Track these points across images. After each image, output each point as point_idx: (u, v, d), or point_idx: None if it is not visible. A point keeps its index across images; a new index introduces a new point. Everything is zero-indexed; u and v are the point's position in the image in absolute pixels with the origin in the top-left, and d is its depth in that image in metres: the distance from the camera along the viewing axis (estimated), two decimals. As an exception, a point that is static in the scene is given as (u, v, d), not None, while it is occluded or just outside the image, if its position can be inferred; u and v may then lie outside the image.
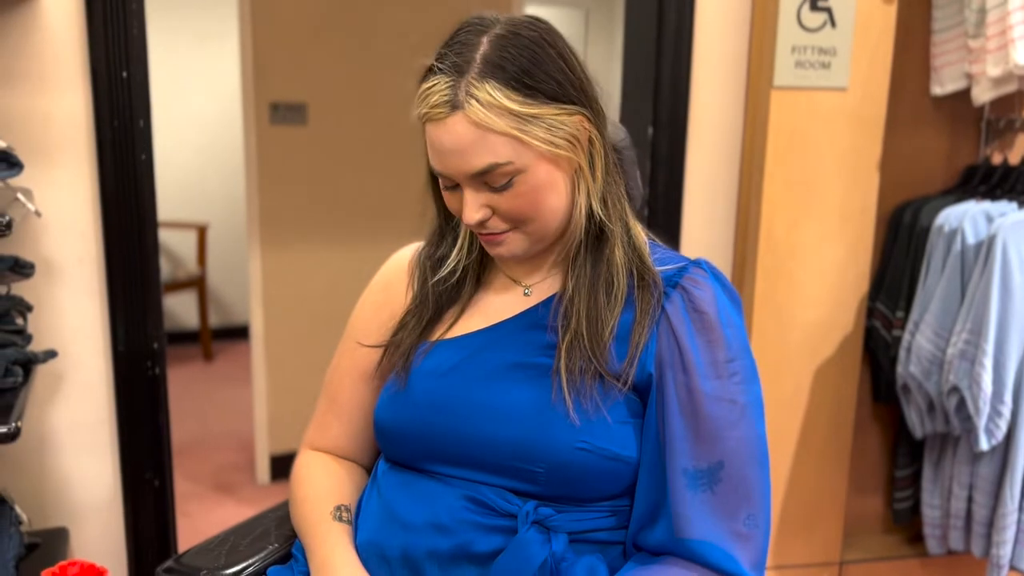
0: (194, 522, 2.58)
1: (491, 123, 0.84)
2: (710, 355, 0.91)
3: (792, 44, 1.75)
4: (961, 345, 1.75)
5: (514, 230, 0.92)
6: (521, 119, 0.85)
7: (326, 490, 1.04)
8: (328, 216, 2.86)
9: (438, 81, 0.86)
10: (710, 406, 0.89)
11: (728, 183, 1.91)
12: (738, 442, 0.90)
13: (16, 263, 1.34)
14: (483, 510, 0.91)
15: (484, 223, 0.91)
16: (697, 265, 0.96)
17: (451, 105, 0.84)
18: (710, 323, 0.92)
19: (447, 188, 0.92)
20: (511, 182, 0.87)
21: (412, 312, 1.03)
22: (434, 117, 0.86)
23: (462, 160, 0.86)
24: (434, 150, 0.88)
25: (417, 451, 0.96)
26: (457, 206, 0.92)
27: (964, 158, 2.07)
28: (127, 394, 1.56)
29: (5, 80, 1.41)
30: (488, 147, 0.85)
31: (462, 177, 0.88)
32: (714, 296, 0.93)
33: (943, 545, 1.99)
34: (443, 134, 0.86)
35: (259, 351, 2.85)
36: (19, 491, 1.49)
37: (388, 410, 0.99)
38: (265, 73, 2.70)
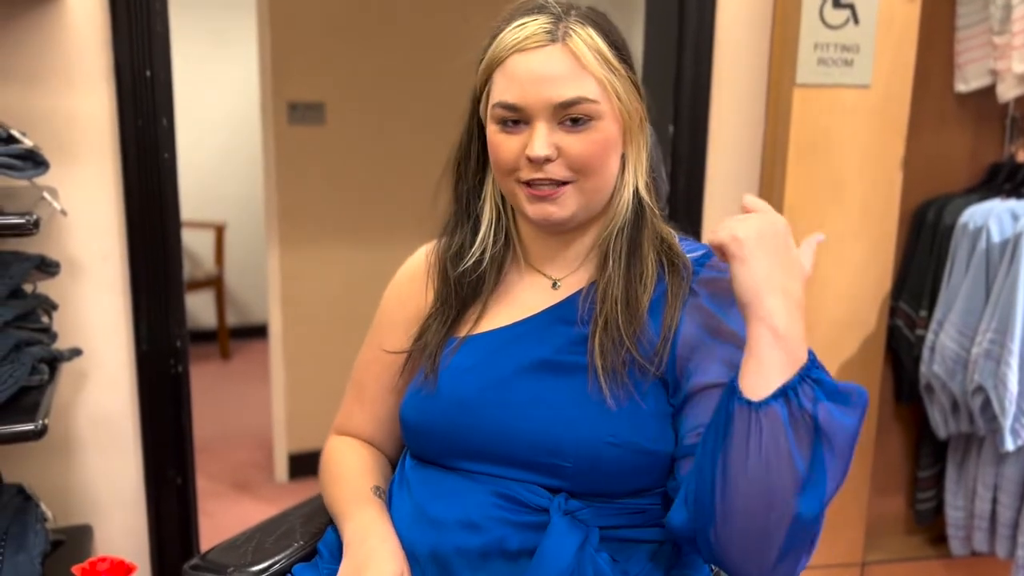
0: (214, 520, 2.59)
1: (587, 61, 0.88)
2: (724, 352, 0.90)
3: (815, 41, 1.74)
4: (986, 344, 1.74)
5: (572, 184, 0.91)
6: (611, 70, 0.90)
7: (360, 470, 1.05)
8: (346, 215, 2.87)
9: (536, 17, 0.89)
10: None
11: (749, 181, 1.90)
12: None
13: (42, 262, 1.35)
14: (513, 506, 0.91)
15: (546, 167, 0.89)
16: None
17: (550, 36, 0.88)
18: (718, 322, 0.92)
19: (508, 129, 0.90)
20: (589, 123, 0.88)
21: (435, 313, 1.02)
22: (527, 47, 0.88)
23: (551, 88, 0.87)
24: (516, 80, 0.88)
25: (444, 448, 0.96)
26: (514, 149, 0.90)
27: (988, 156, 2.05)
28: (150, 392, 1.56)
29: (31, 80, 1.42)
30: (580, 81, 0.87)
31: (543, 107, 0.87)
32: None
33: (967, 546, 1.97)
34: (536, 61, 0.87)
35: (277, 350, 2.86)
36: (44, 488, 1.50)
37: (415, 408, 0.99)
38: (283, 73, 2.70)
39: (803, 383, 0.75)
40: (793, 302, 0.78)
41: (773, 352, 0.77)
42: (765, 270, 0.79)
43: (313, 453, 2.97)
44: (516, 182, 0.92)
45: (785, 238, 0.81)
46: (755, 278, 0.79)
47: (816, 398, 0.75)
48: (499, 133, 0.91)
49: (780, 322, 0.77)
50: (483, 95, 0.95)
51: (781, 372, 0.76)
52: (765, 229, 0.80)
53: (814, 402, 0.75)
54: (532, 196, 0.91)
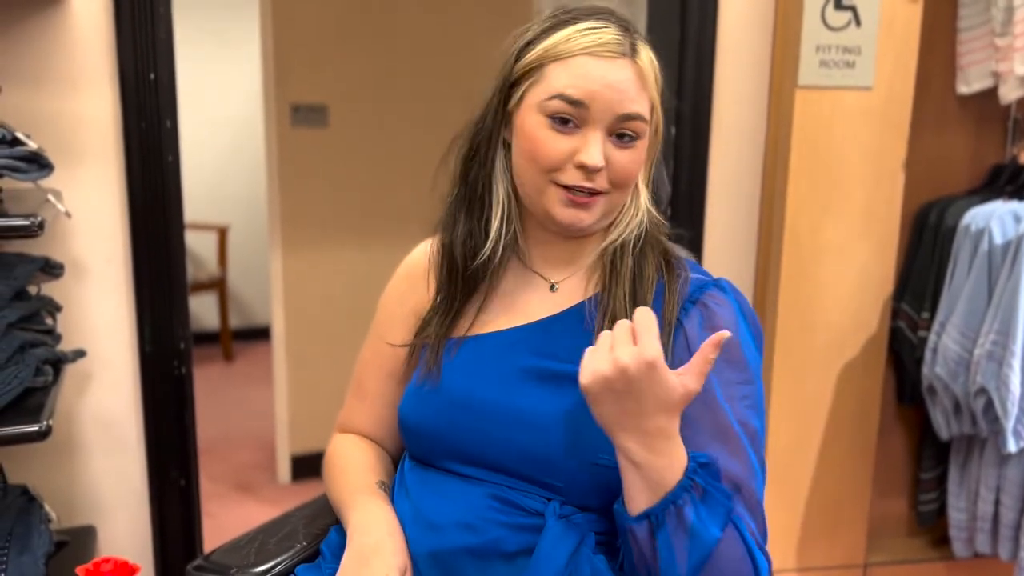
0: (216, 521, 2.60)
1: (649, 80, 0.91)
2: (727, 374, 0.89)
3: (816, 43, 1.75)
4: (988, 346, 1.74)
5: (605, 195, 0.92)
6: (659, 93, 0.94)
7: (364, 464, 1.06)
8: (349, 217, 2.87)
9: (607, 26, 0.90)
10: (732, 427, 0.88)
11: (751, 183, 1.90)
12: (749, 466, 0.89)
13: (46, 264, 1.36)
14: (509, 508, 0.91)
15: (595, 176, 0.89)
16: (717, 284, 0.95)
17: (622, 49, 0.89)
18: (729, 341, 0.89)
19: (560, 127, 0.89)
20: (635, 141, 0.91)
21: (437, 307, 1.01)
22: (601, 54, 0.89)
23: (619, 100, 0.88)
24: (587, 79, 0.88)
25: (439, 449, 0.96)
26: (563, 150, 0.89)
27: (990, 157, 2.05)
28: (154, 393, 1.57)
29: (35, 82, 1.43)
30: (640, 99, 0.90)
31: (606, 115, 0.88)
32: (734, 315, 0.93)
33: (969, 548, 1.97)
34: (611, 70, 0.88)
35: (280, 352, 2.87)
36: (48, 489, 1.50)
37: (412, 406, 0.99)
38: (286, 75, 2.71)
39: (667, 508, 0.79)
40: (652, 436, 0.79)
41: (635, 481, 0.80)
42: (614, 414, 0.79)
43: (316, 454, 2.98)
44: (552, 182, 0.90)
45: (643, 377, 0.76)
46: (605, 420, 0.80)
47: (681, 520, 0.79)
48: (548, 128, 0.89)
49: (636, 457, 0.79)
50: (523, 84, 0.92)
51: (646, 498, 0.80)
52: (613, 376, 0.77)
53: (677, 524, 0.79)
54: (569, 200, 0.90)
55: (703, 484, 0.80)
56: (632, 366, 0.76)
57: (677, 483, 0.79)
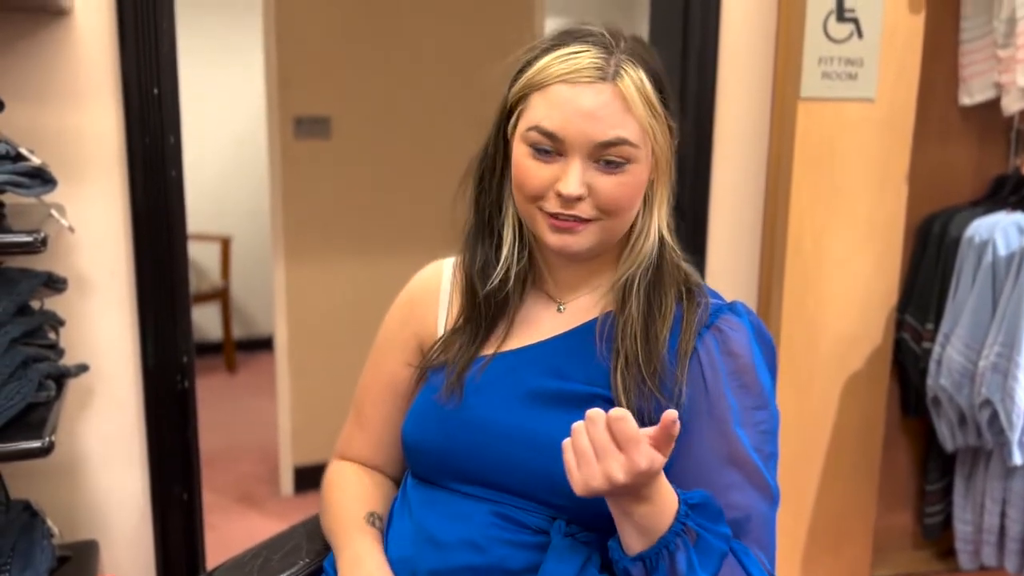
0: (219, 534, 2.59)
1: (635, 104, 0.86)
2: (742, 399, 0.89)
3: (819, 55, 1.75)
4: (993, 358, 1.73)
5: (596, 221, 0.89)
6: (653, 115, 0.88)
7: (357, 497, 1.05)
8: (351, 229, 2.88)
9: (588, 49, 0.87)
10: (747, 454, 0.88)
11: (754, 195, 1.90)
12: (762, 492, 0.89)
13: (49, 278, 1.36)
14: (513, 527, 0.91)
15: (575, 204, 0.88)
16: (732, 308, 0.95)
17: (601, 74, 0.86)
18: (744, 366, 0.91)
19: (541, 157, 0.88)
20: (624, 166, 0.87)
21: (460, 329, 1.00)
22: (577, 80, 0.86)
23: (595, 126, 0.85)
24: (560, 110, 0.86)
25: (443, 468, 0.96)
26: (544, 178, 0.88)
27: (993, 168, 2.05)
28: (156, 408, 1.57)
29: (39, 97, 1.43)
30: (624, 123, 0.86)
31: (583, 144, 0.86)
32: (748, 339, 0.92)
33: (975, 560, 1.96)
34: (584, 96, 0.85)
35: (283, 363, 2.86)
36: (50, 504, 1.50)
37: (416, 427, 0.99)
38: (289, 87, 2.71)
39: (660, 553, 0.80)
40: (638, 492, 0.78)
41: (627, 527, 0.81)
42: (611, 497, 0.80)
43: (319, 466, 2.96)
44: (538, 209, 0.90)
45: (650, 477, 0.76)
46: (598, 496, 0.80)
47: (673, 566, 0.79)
48: (530, 158, 0.89)
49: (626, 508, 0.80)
50: (515, 112, 0.92)
51: (639, 543, 0.81)
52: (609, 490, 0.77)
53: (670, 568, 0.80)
54: (554, 227, 0.89)
55: (695, 528, 0.80)
56: (626, 480, 0.75)
57: (669, 528, 0.79)
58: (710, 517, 0.82)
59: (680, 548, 0.79)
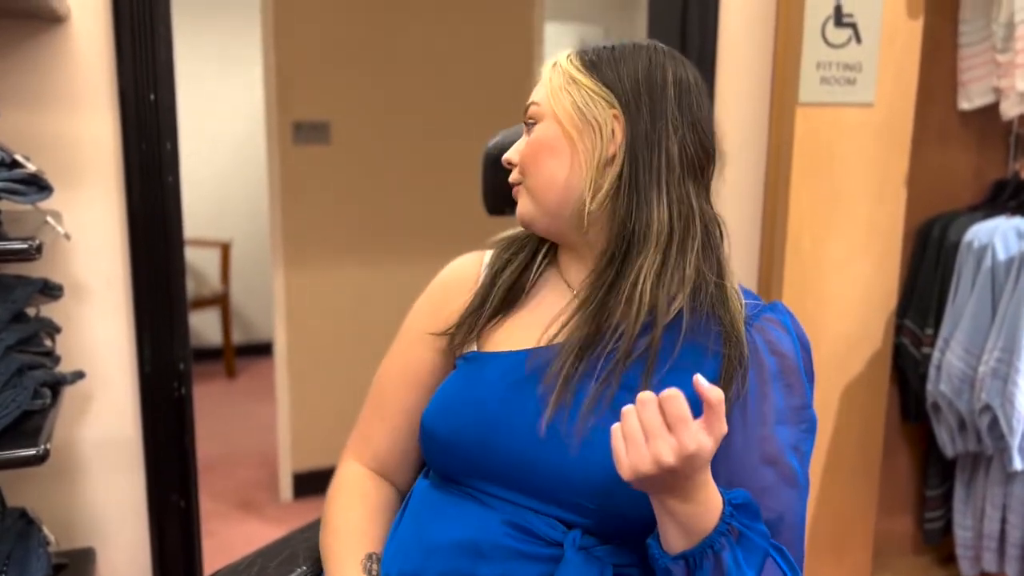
0: (218, 541, 2.59)
1: (556, 76, 0.95)
2: (787, 399, 0.89)
3: (817, 60, 1.75)
4: (993, 363, 1.73)
5: (522, 186, 0.96)
6: (567, 80, 0.94)
7: (359, 529, 1.01)
8: (351, 234, 2.87)
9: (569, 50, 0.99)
10: (779, 452, 0.87)
11: (753, 200, 1.89)
12: (797, 493, 0.88)
13: (45, 285, 1.36)
14: (525, 536, 0.88)
15: (511, 169, 0.98)
16: (774, 308, 0.94)
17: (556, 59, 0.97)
18: (790, 367, 0.90)
19: None
20: (532, 127, 0.96)
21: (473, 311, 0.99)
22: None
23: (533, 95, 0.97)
24: None
25: (465, 465, 0.92)
26: None
27: (992, 173, 2.05)
28: (154, 415, 1.56)
29: (35, 104, 1.43)
30: (543, 89, 0.96)
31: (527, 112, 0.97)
32: (791, 340, 0.92)
33: (976, 566, 1.95)
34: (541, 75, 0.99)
35: (282, 368, 2.86)
36: (46, 512, 1.50)
37: (440, 416, 0.95)
38: (288, 93, 2.72)
39: (705, 553, 0.79)
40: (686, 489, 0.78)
41: (671, 526, 0.80)
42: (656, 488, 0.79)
43: (318, 472, 2.97)
44: None
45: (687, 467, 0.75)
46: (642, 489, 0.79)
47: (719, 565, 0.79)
48: None
49: (672, 508, 0.79)
50: None
51: (683, 543, 0.80)
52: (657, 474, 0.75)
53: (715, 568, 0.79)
54: None
55: (739, 528, 0.79)
56: (676, 464, 0.74)
57: (714, 528, 0.78)
58: (751, 517, 0.82)
59: (726, 547, 0.78)
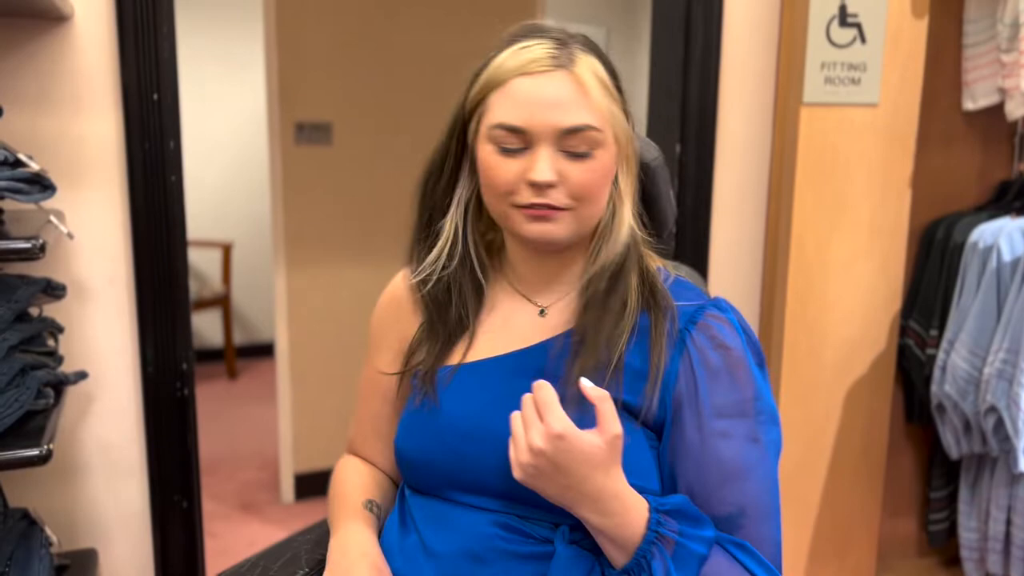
0: (220, 542, 2.58)
1: (592, 89, 0.87)
2: (736, 392, 0.89)
3: (821, 60, 1.74)
4: (998, 364, 1.72)
5: (570, 211, 0.89)
6: (611, 99, 0.89)
7: (357, 485, 1.06)
8: (353, 235, 2.87)
9: (540, 42, 0.88)
10: (732, 446, 0.88)
11: (757, 201, 1.89)
12: (759, 484, 0.89)
13: (48, 285, 1.35)
14: (517, 536, 0.89)
15: (548, 192, 0.87)
16: (716, 304, 0.95)
17: (556, 62, 0.87)
18: (736, 359, 0.90)
19: (508, 152, 0.88)
20: (591, 153, 0.87)
21: (423, 337, 1.00)
22: (533, 70, 0.87)
23: (558, 114, 0.86)
24: (521, 103, 0.86)
25: (441, 481, 0.94)
26: (513, 171, 0.88)
27: (997, 174, 2.04)
28: (156, 415, 1.56)
29: (39, 103, 1.43)
30: (586, 109, 0.86)
31: (548, 132, 0.86)
32: (736, 333, 0.92)
33: (981, 569, 1.94)
34: (544, 86, 0.86)
35: (284, 369, 2.86)
36: (49, 512, 1.49)
37: (409, 438, 0.97)
38: (290, 93, 2.71)
39: (640, 564, 0.82)
40: (597, 499, 0.81)
41: (605, 543, 0.84)
42: (556, 492, 0.82)
43: (319, 473, 2.96)
44: (511, 206, 0.90)
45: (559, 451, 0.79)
46: (554, 500, 0.83)
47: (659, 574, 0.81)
48: (496, 155, 0.89)
49: (594, 524, 0.82)
50: (473, 116, 0.92)
51: (620, 557, 0.83)
52: (534, 462, 0.80)
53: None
54: (531, 216, 0.89)
55: (670, 535, 0.82)
56: (545, 447, 0.78)
57: (643, 538, 0.81)
58: (690, 521, 0.84)
59: (656, 556, 0.81)
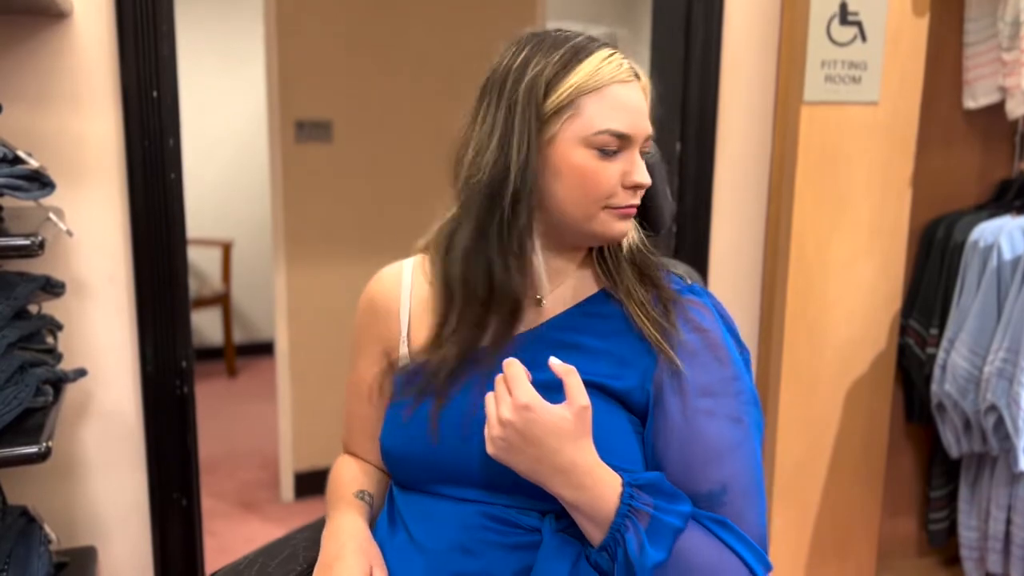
0: (220, 540, 2.58)
1: (649, 100, 0.95)
2: (717, 372, 0.91)
3: (822, 58, 1.74)
4: (998, 363, 1.72)
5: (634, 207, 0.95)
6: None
7: (349, 479, 1.07)
8: (353, 233, 2.87)
9: (615, 51, 0.93)
10: (714, 424, 0.89)
11: (757, 199, 1.89)
12: (742, 463, 0.90)
13: (47, 282, 1.35)
14: (505, 528, 0.90)
15: (638, 192, 0.93)
16: (692, 289, 0.98)
17: (634, 72, 0.93)
18: (714, 340, 0.93)
19: (607, 155, 0.90)
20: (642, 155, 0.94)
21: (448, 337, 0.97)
22: (626, 79, 0.91)
23: (645, 121, 0.93)
24: (624, 110, 0.91)
25: (427, 474, 0.95)
26: (614, 176, 0.91)
27: (998, 172, 2.04)
28: (155, 413, 1.56)
29: (38, 100, 1.43)
30: (648, 116, 0.94)
31: (640, 138, 0.92)
32: (713, 315, 0.96)
33: (981, 568, 1.94)
34: (633, 94, 0.92)
35: (284, 368, 2.86)
36: (48, 510, 1.49)
37: (393, 434, 0.98)
38: (290, 91, 2.71)
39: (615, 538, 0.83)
40: (570, 473, 0.82)
41: (581, 520, 0.85)
42: (527, 466, 0.83)
43: (319, 471, 2.96)
44: (604, 207, 0.92)
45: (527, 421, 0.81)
46: (527, 476, 0.84)
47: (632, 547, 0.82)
48: (596, 159, 0.90)
49: (568, 499, 0.83)
50: (561, 119, 0.90)
51: (596, 534, 0.84)
52: (504, 434, 0.82)
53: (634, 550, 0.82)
54: (621, 216, 0.93)
55: (643, 508, 0.83)
56: (512, 418, 0.80)
57: (616, 511, 0.82)
58: (664, 497, 0.85)
59: (630, 529, 0.82)
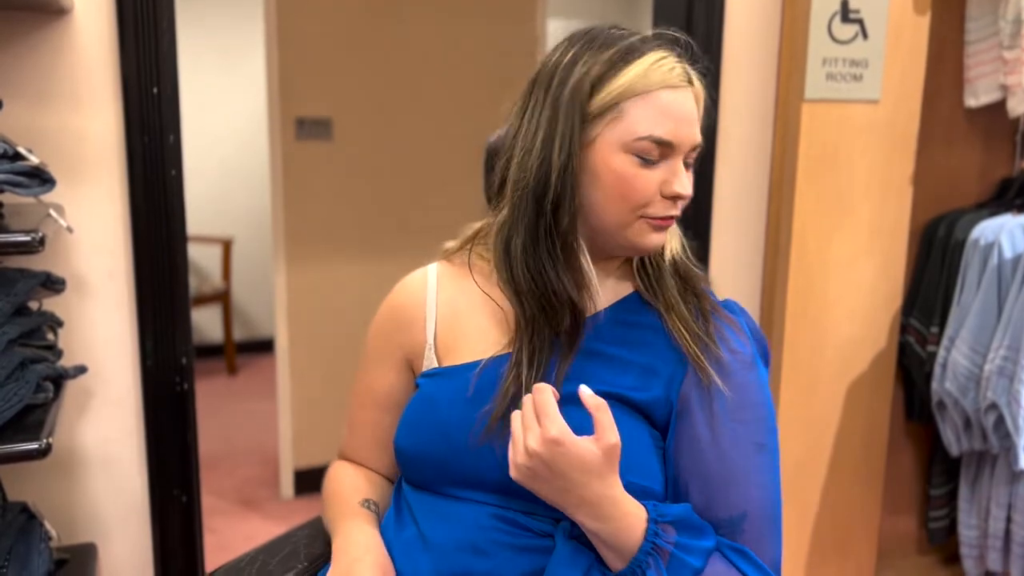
0: (219, 537, 2.58)
1: (701, 108, 0.90)
2: (746, 396, 0.90)
3: (823, 56, 1.74)
4: (999, 361, 1.72)
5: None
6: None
7: (353, 486, 1.06)
8: (353, 230, 2.87)
9: (669, 54, 0.88)
10: (740, 449, 0.88)
11: (758, 198, 1.89)
12: (764, 490, 0.89)
13: (48, 279, 1.35)
14: (516, 530, 0.89)
15: (678, 203, 0.90)
16: (727, 305, 0.96)
17: (687, 77, 0.88)
18: (746, 362, 0.91)
19: (647, 163, 0.87)
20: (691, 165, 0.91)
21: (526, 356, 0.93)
22: (677, 84, 0.87)
23: (693, 130, 0.88)
24: (671, 116, 0.86)
25: (441, 475, 0.94)
26: (653, 183, 0.87)
27: (999, 171, 2.04)
28: (155, 409, 1.56)
29: (38, 97, 1.42)
30: (698, 125, 0.89)
31: (685, 147, 0.88)
32: (747, 335, 0.93)
33: (980, 566, 1.94)
34: (684, 101, 0.87)
35: (284, 365, 2.86)
36: (48, 506, 1.49)
37: (410, 435, 0.97)
38: (291, 88, 2.71)
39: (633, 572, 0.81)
40: (595, 504, 0.81)
41: (602, 548, 0.83)
42: (553, 495, 0.81)
43: (319, 469, 2.96)
44: (639, 216, 0.89)
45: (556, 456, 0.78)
46: (552, 502, 0.82)
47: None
48: (636, 166, 0.86)
49: (591, 528, 0.82)
50: (603, 121, 0.87)
51: (617, 563, 0.83)
52: (530, 464, 0.79)
53: None
54: (657, 226, 0.90)
55: (666, 546, 0.81)
56: (540, 450, 0.78)
57: (639, 547, 0.81)
58: (690, 532, 0.83)
59: (651, 567, 0.81)
